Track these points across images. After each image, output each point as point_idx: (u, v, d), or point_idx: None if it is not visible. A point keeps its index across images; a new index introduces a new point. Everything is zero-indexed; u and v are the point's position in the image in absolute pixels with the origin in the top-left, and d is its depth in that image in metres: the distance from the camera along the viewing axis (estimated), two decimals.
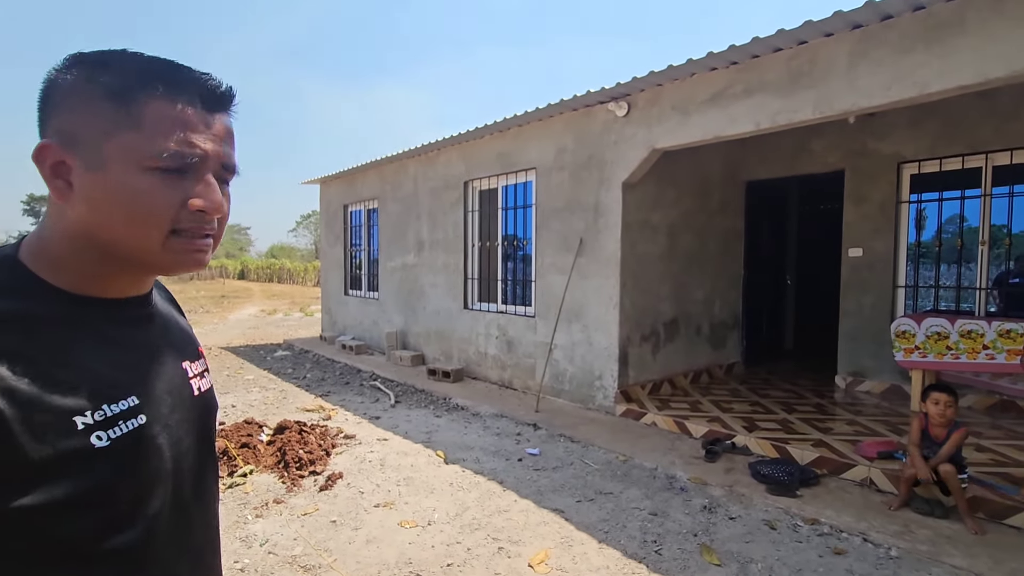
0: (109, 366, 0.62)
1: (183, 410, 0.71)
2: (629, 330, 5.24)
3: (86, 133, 0.59)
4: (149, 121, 0.60)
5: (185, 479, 0.70)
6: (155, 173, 0.60)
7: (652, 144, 4.73)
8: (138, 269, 0.66)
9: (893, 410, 4.98)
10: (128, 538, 0.61)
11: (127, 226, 0.61)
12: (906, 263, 5.59)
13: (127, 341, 0.67)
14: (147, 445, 0.64)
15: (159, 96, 0.60)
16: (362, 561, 2.72)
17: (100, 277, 0.65)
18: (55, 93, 0.60)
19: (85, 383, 0.59)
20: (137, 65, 0.61)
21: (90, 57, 0.61)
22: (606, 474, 3.80)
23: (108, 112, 0.59)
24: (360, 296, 9.34)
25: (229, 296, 23.37)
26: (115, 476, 0.60)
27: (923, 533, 2.93)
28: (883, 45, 3.33)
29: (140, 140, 0.59)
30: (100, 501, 0.59)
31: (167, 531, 0.67)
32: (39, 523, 0.55)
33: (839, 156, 5.92)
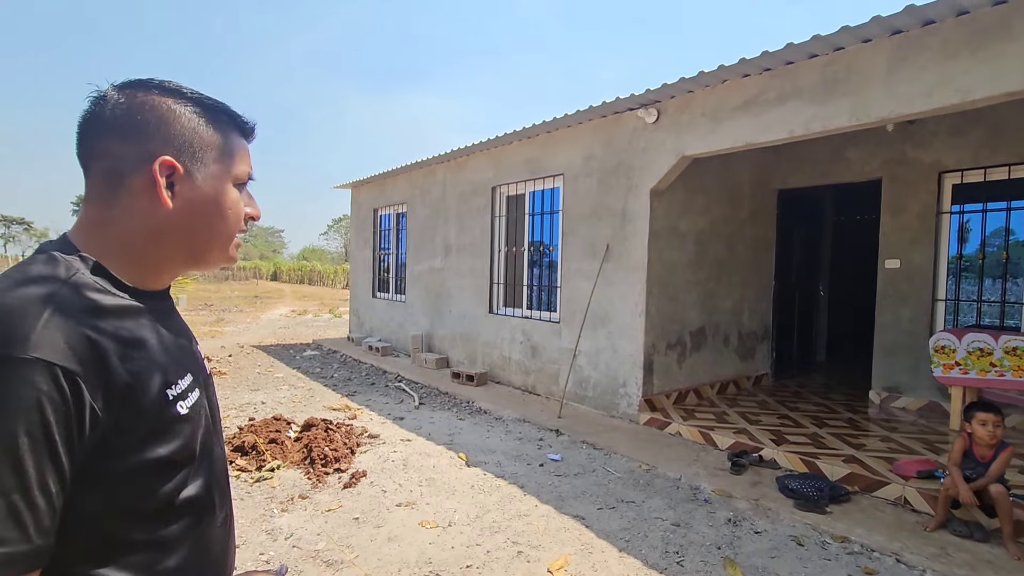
0: (170, 347, 0.74)
1: (209, 385, 0.86)
2: (654, 338, 5.18)
3: (198, 155, 0.73)
4: (235, 149, 0.78)
5: (220, 439, 0.86)
6: (237, 188, 0.78)
7: (681, 151, 4.69)
8: (199, 263, 0.79)
9: (931, 428, 4.79)
10: (197, 488, 0.74)
11: (222, 227, 0.77)
12: (947, 276, 5.38)
13: (169, 327, 0.77)
14: (203, 412, 0.77)
15: (236, 131, 0.79)
16: (383, 559, 2.75)
17: (162, 271, 0.77)
18: (157, 114, 0.71)
19: (166, 362, 0.71)
20: (219, 104, 0.78)
21: (180, 89, 0.75)
22: (628, 482, 3.76)
23: (211, 142, 0.75)
24: (387, 299, 9.48)
25: (262, 296, 23.99)
26: (191, 437, 0.72)
27: (961, 556, 2.81)
28: (924, 51, 3.24)
29: (229, 163, 0.77)
30: (183, 459, 0.71)
31: (217, 480, 0.80)
32: (145, 478, 0.66)
33: (876, 165, 5.76)
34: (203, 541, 0.76)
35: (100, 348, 0.62)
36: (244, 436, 4.14)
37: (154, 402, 0.67)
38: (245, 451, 3.97)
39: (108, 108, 0.70)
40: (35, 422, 0.55)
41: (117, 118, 0.70)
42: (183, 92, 0.74)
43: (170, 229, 0.73)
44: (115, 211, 0.71)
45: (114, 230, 0.71)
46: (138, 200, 0.70)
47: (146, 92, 0.72)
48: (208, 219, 0.75)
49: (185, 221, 0.73)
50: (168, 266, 0.77)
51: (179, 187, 0.72)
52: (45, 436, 0.56)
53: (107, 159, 0.70)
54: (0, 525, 0.53)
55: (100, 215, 0.71)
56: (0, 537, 0.52)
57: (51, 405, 0.56)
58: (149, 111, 0.71)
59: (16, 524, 0.53)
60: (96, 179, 0.71)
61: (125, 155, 0.70)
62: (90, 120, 0.71)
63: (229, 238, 0.78)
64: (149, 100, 0.71)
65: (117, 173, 0.70)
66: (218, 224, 0.76)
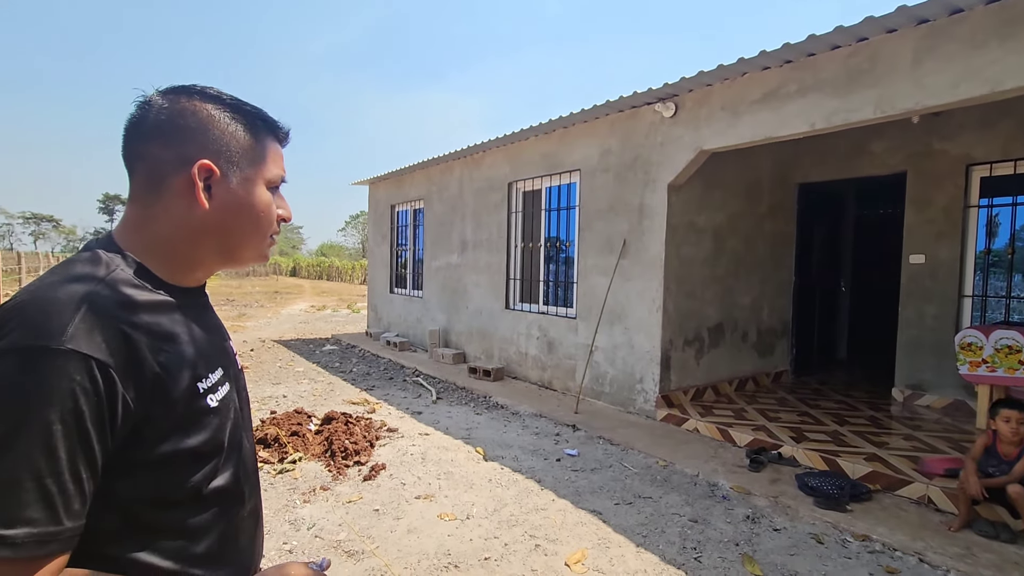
0: (202, 342, 0.78)
1: (240, 379, 0.89)
2: (672, 334, 5.16)
3: (235, 159, 0.77)
4: (269, 154, 0.81)
5: (249, 432, 0.88)
6: (271, 191, 0.82)
7: (700, 145, 4.65)
8: (235, 262, 0.83)
9: (956, 426, 4.69)
10: (226, 479, 0.77)
11: (255, 227, 0.80)
12: (974, 271, 5.26)
13: (202, 322, 0.81)
14: (232, 406, 0.80)
15: (271, 136, 0.83)
16: (403, 550, 2.80)
17: (197, 268, 0.80)
18: (196, 120, 0.75)
19: (197, 356, 0.74)
20: (255, 109, 0.81)
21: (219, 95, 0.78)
22: (645, 478, 3.76)
23: (248, 146, 0.78)
24: (405, 294, 9.56)
25: (282, 292, 24.34)
26: (220, 430, 0.75)
27: (987, 557, 2.76)
28: (952, 40, 3.17)
29: (266, 166, 0.80)
30: (212, 450, 0.74)
31: (246, 472, 0.83)
32: (175, 468, 0.69)
33: (901, 158, 5.64)
34: (231, 530, 0.79)
35: (133, 341, 0.65)
36: (267, 429, 4.23)
37: (184, 394, 0.69)
38: (268, 443, 4.06)
39: (152, 113, 0.74)
40: (68, 410, 0.58)
41: (160, 123, 0.73)
42: (222, 98, 0.78)
43: (207, 229, 0.76)
44: (156, 211, 0.74)
45: (154, 229, 0.75)
46: (177, 201, 0.74)
47: (188, 98, 0.75)
48: (242, 220, 0.78)
49: (221, 221, 0.76)
50: (204, 264, 0.80)
51: (215, 189, 0.75)
52: (78, 424, 0.58)
53: (149, 161, 0.74)
54: (32, 508, 0.55)
55: (142, 214, 0.75)
56: (32, 518, 0.55)
57: (84, 395, 0.59)
58: (190, 116, 0.74)
59: (47, 507, 0.56)
60: (139, 180, 0.75)
61: (166, 158, 0.73)
62: (135, 124, 0.75)
63: (262, 238, 0.82)
64: (190, 106, 0.75)
65: (158, 175, 0.74)
66: (251, 224, 0.79)
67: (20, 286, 16.37)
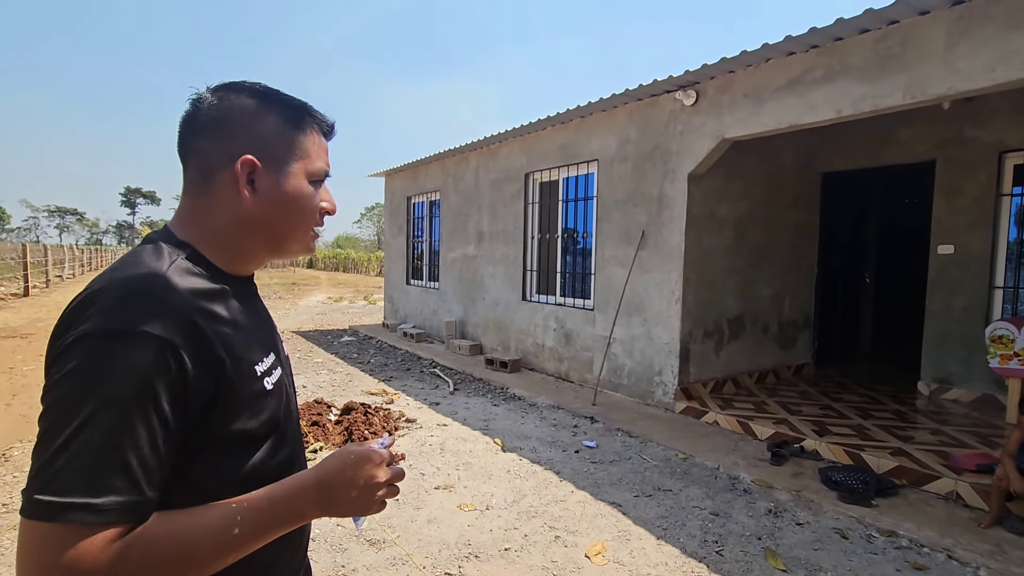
0: (256, 328, 0.81)
1: (287, 364, 0.92)
2: (691, 326, 5.10)
3: (278, 152, 0.79)
4: (313, 147, 0.82)
5: (297, 414, 0.92)
6: (313, 184, 0.83)
7: (721, 134, 4.56)
8: (281, 253, 0.84)
9: (984, 421, 4.58)
10: (282, 457, 0.80)
11: (298, 220, 0.82)
12: (1005, 262, 5.10)
13: (254, 310, 0.84)
14: (285, 390, 0.84)
15: (316, 130, 0.84)
16: (423, 539, 2.82)
17: (248, 259, 0.83)
18: (242, 116, 0.78)
19: (252, 340, 0.78)
20: (301, 105, 0.83)
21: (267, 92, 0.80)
22: (665, 471, 3.74)
23: (292, 140, 0.80)
24: (421, 286, 9.60)
25: (299, 284, 24.63)
26: (276, 411, 0.79)
27: (1018, 555, 2.69)
28: (988, 22, 3.05)
29: (309, 160, 0.82)
30: (269, 430, 0.77)
31: (298, 452, 0.87)
32: (238, 447, 0.73)
33: (930, 145, 5.47)
34: None
35: (199, 326, 0.68)
36: None
37: (244, 377, 0.73)
38: None
39: (202, 109, 0.77)
40: (147, 390, 0.61)
41: (209, 119, 0.77)
42: (269, 94, 0.80)
43: (252, 221, 0.79)
44: (207, 203, 0.78)
45: (206, 221, 0.78)
46: (225, 194, 0.77)
47: (235, 94, 0.78)
48: (285, 212, 0.80)
49: (265, 214, 0.79)
50: (253, 254, 0.83)
51: (259, 182, 0.78)
52: (155, 403, 0.62)
53: (200, 156, 0.78)
54: (116, 478, 0.58)
55: (194, 206, 0.79)
56: (116, 487, 0.58)
57: (160, 375, 0.62)
58: (236, 112, 0.77)
59: (129, 477, 0.59)
60: (192, 174, 0.79)
61: (214, 152, 0.77)
62: (187, 120, 0.78)
63: (306, 230, 0.84)
64: (237, 102, 0.78)
65: (208, 169, 0.77)
66: (294, 217, 0.81)
67: (47, 277, 16.78)
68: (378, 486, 0.74)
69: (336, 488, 0.71)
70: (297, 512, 0.70)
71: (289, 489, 0.70)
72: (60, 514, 0.55)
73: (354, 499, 0.73)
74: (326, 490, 0.71)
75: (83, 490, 0.56)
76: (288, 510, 0.69)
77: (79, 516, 0.56)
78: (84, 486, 0.57)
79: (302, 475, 0.72)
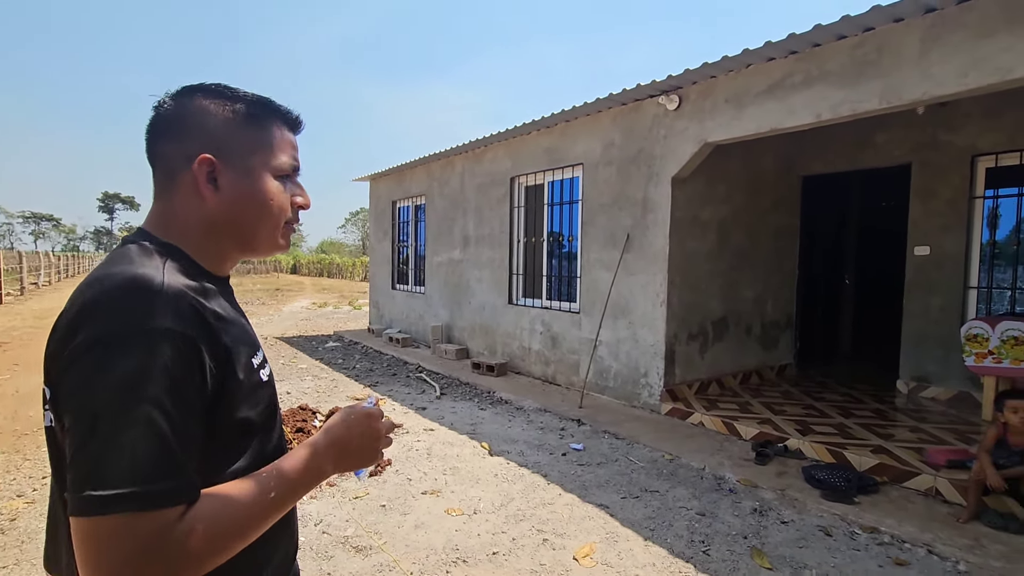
0: (244, 325, 0.83)
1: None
2: (676, 328, 5.15)
3: (237, 149, 0.79)
4: (276, 142, 0.83)
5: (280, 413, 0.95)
6: (280, 180, 0.83)
7: (704, 138, 4.62)
8: (251, 251, 0.85)
9: (961, 418, 4.69)
10: (273, 444, 0.84)
11: (263, 218, 0.82)
12: (979, 263, 5.24)
13: (238, 309, 0.86)
14: (274, 383, 0.87)
15: (278, 124, 0.84)
16: (411, 545, 2.80)
17: (223, 258, 0.84)
18: (198, 117, 0.78)
19: (245, 335, 0.80)
20: (259, 100, 0.82)
21: (222, 91, 0.80)
22: (652, 472, 3.76)
23: (252, 135, 0.80)
24: (407, 290, 9.55)
25: (283, 289, 24.35)
26: (271, 401, 0.83)
27: (996, 548, 2.75)
28: (960, 29, 3.14)
29: (271, 156, 0.82)
30: (266, 420, 0.81)
31: (284, 440, 0.90)
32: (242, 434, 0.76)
33: (906, 149, 5.60)
34: None
35: (205, 319, 0.70)
36: None
37: (245, 368, 0.76)
38: None
39: (162, 114, 0.79)
40: (175, 380, 0.64)
41: (167, 122, 0.79)
42: (225, 92, 0.81)
43: (217, 220, 0.79)
44: (174, 205, 0.79)
45: (176, 223, 0.79)
46: (188, 196, 0.78)
47: (191, 96, 0.79)
48: (250, 210, 0.81)
49: (229, 212, 0.80)
50: (227, 253, 0.84)
51: (220, 181, 0.78)
52: (181, 392, 0.64)
53: (162, 159, 0.79)
54: (167, 464, 0.61)
55: (164, 209, 0.80)
56: (169, 472, 0.61)
57: (181, 366, 0.65)
58: (191, 115, 0.78)
59: (176, 463, 0.62)
60: (158, 177, 0.80)
61: (174, 155, 0.78)
62: (151, 125, 0.80)
63: (275, 227, 0.84)
64: (192, 104, 0.79)
65: (170, 171, 0.79)
66: (261, 213, 0.81)
67: (22, 285, 16.36)
68: (380, 437, 0.83)
69: (347, 443, 0.79)
70: (319, 471, 0.76)
71: (308, 453, 0.75)
72: (125, 504, 0.58)
73: (362, 451, 0.81)
74: (339, 447, 0.79)
75: (141, 479, 0.59)
76: (311, 470, 0.75)
77: (143, 503, 0.58)
78: (141, 475, 0.59)
79: (314, 440, 0.78)
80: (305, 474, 0.74)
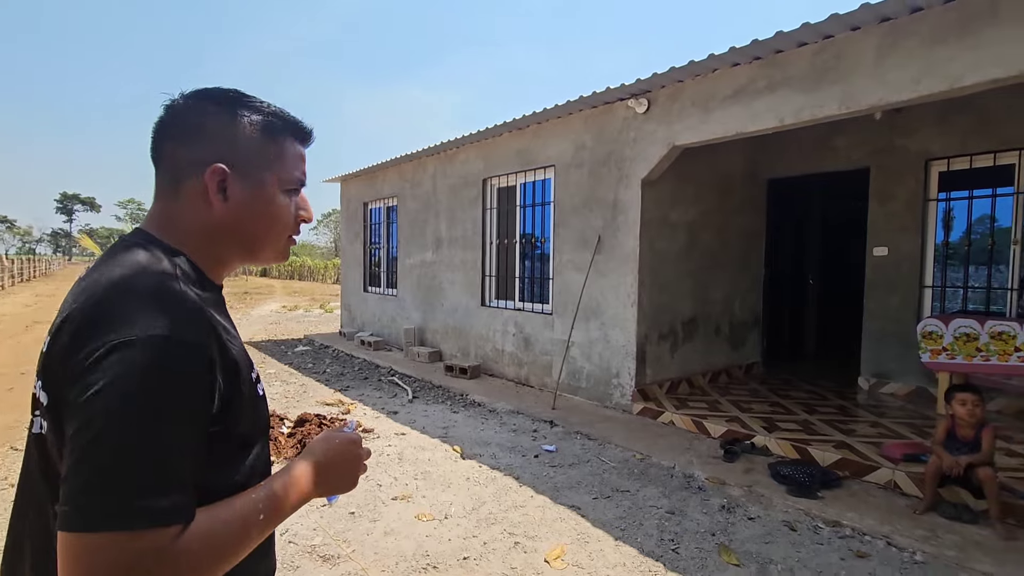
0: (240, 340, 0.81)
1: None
2: (647, 328, 5.20)
3: (250, 161, 0.78)
4: (288, 156, 0.82)
5: None
6: (288, 194, 0.82)
7: (672, 141, 4.69)
8: (252, 261, 0.85)
9: (918, 413, 4.86)
10: (263, 456, 0.82)
11: (270, 229, 0.82)
12: (933, 263, 5.45)
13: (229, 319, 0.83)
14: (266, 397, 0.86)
15: (290, 138, 0.83)
16: (380, 552, 2.75)
17: (224, 265, 0.82)
18: (212, 124, 0.77)
19: (244, 351, 0.77)
20: (275, 112, 0.81)
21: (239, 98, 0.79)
22: (623, 472, 3.79)
23: (265, 147, 0.79)
24: (379, 293, 9.43)
25: (252, 292, 23.78)
26: (265, 415, 0.83)
27: (950, 538, 2.86)
28: (912, 37, 3.26)
29: (282, 169, 0.81)
30: (260, 434, 0.81)
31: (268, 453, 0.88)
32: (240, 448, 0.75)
33: (864, 153, 5.80)
34: None
35: (218, 333, 0.70)
36: None
37: (246, 381, 0.74)
38: None
39: (174, 115, 0.77)
40: (188, 393, 0.63)
41: (179, 125, 0.77)
42: (243, 100, 0.79)
43: (223, 229, 0.79)
44: (178, 209, 0.77)
45: (180, 227, 0.77)
46: (195, 202, 0.77)
47: (206, 101, 0.78)
48: (258, 222, 0.80)
49: (237, 222, 0.79)
50: (226, 261, 0.83)
51: (231, 191, 0.77)
52: (193, 406, 0.64)
53: (169, 162, 0.77)
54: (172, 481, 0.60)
55: (166, 211, 0.78)
56: (174, 489, 0.60)
57: (196, 379, 0.64)
58: (206, 119, 0.77)
59: (181, 479, 0.61)
60: (163, 179, 0.78)
61: (184, 160, 0.76)
62: (160, 125, 0.78)
63: (279, 239, 0.84)
64: (209, 109, 0.77)
65: (177, 176, 0.77)
66: (267, 226, 0.81)
67: None
68: (360, 464, 0.84)
69: (331, 468, 0.80)
70: (304, 494, 0.76)
71: (294, 475, 0.75)
72: (126, 521, 0.56)
73: (343, 476, 0.82)
74: (324, 471, 0.79)
75: (147, 495, 0.57)
76: (297, 492, 0.75)
77: (149, 520, 0.57)
78: (146, 491, 0.58)
79: (299, 462, 0.78)
80: (293, 496, 0.74)
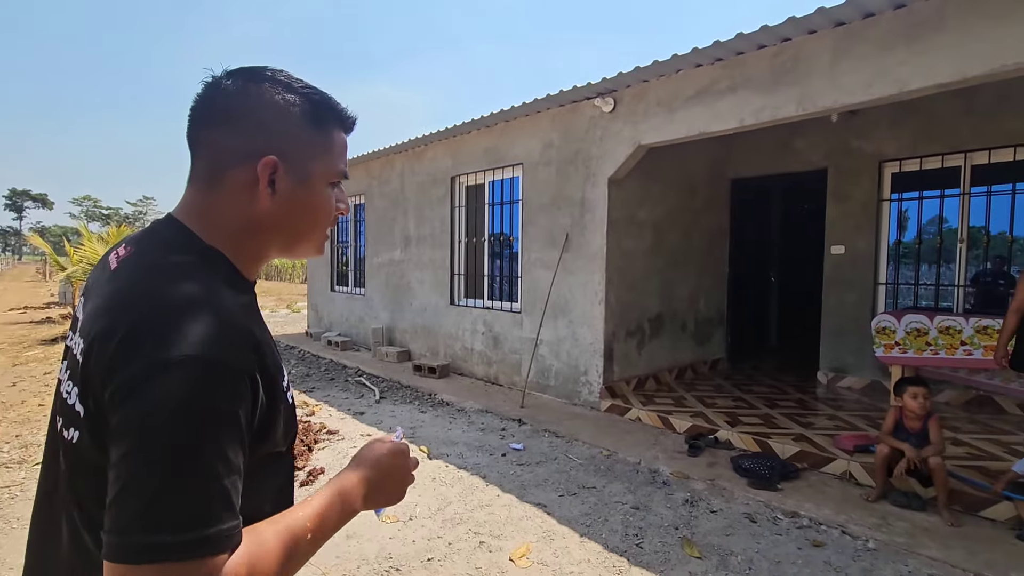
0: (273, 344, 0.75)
1: None
2: (614, 326, 5.25)
3: (300, 154, 0.74)
4: (335, 148, 0.78)
5: None
6: (331, 187, 0.79)
7: (638, 140, 4.74)
8: (291, 255, 0.81)
9: (873, 405, 5.04)
10: (288, 464, 0.80)
11: (314, 223, 0.78)
12: (887, 261, 5.66)
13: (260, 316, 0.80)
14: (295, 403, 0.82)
15: (339, 129, 0.79)
16: (342, 556, 2.69)
17: (260, 260, 0.78)
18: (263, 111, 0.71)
19: (277, 357, 0.73)
20: (323, 99, 0.76)
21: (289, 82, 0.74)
22: (589, 469, 3.81)
23: (315, 139, 0.75)
24: (346, 292, 9.27)
25: None
26: (294, 424, 0.78)
27: (900, 525, 2.97)
28: (865, 42, 3.36)
29: (329, 162, 0.77)
30: (290, 444, 0.78)
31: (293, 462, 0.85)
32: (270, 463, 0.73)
33: (822, 154, 5.98)
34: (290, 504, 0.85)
35: (260, 347, 0.66)
36: None
37: (280, 394, 0.71)
38: None
39: (219, 97, 0.71)
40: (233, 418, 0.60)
41: (227, 109, 0.71)
42: (293, 86, 0.74)
43: (267, 224, 0.74)
44: (218, 200, 0.72)
45: (218, 220, 0.73)
46: (239, 194, 0.72)
47: (257, 84, 0.72)
48: (303, 216, 0.76)
49: (283, 217, 0.75)
50: (264, 256, 0.79)
51: (279, 184, 0.73)
52: (238, 430, 0.61)
53: (213, 149, 0.72)
54: (221, 507, 0.57)
55: (203, 200, 0.73)
56: (223, 516, 0.57)
57: (241, 404, 0.62)
58: (259, 105, 0.72)
59: (229, 505, 0.58)
60: (201, 165, 0.73)
61: (231, 148, 0.71)
62: (201, 107, 0.72)
63: (321, 234, 0.81)
64: (260, 93, 0.72)
65: (220, 165, 0.71)
66: (312, 221, 0.78)
67: None
68: (409, 475, 0.82)
69: (379, 482, 0.78)
70: (350, 509, 0.73)
71: (339, 490, 0.73)
72: (179, 552, 0.54)
73: (393, 490, 0.80)
74: (373, 485, 0.77)
75: (198, 524, 0.56)
76: (343, 508, 0.72)
77: (197, 551, 0.55)
78: (197, 520, 0.56)
79: (347, 475, 0.76)
80: (341, 513, 0.72)
